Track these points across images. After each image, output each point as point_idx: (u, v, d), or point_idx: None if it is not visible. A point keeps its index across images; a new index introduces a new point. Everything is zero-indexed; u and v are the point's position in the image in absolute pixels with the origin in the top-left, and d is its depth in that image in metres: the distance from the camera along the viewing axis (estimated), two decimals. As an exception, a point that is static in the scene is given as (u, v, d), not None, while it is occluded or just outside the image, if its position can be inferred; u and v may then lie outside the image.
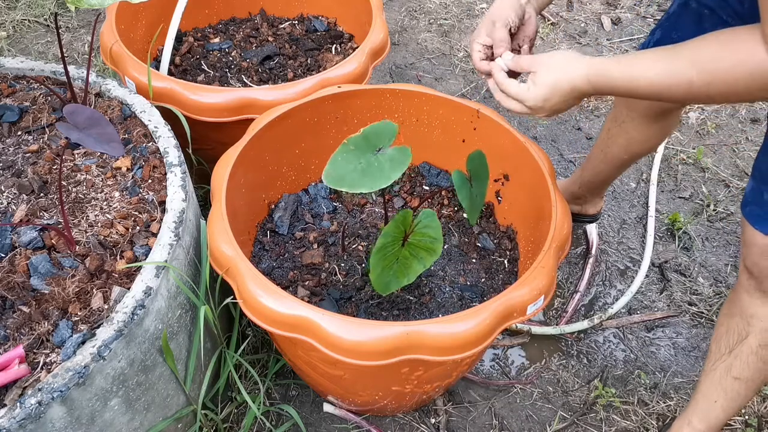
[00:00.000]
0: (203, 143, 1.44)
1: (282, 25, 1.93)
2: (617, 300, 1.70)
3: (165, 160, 1.19)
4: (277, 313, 1.00)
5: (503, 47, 1.07)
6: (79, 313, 0.96)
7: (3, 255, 1.02)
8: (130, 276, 1.01)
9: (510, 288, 1.04)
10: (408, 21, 2.62)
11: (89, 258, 1.01)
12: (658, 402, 1.50)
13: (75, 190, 1.14)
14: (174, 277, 1.05)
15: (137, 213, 1.11)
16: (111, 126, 1.01)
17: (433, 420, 1.43)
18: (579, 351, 1.60)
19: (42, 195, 1.13)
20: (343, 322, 0.98)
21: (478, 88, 2.31)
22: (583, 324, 1.62)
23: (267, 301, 1.00)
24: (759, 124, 2.23)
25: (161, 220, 1.10)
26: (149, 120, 1.27)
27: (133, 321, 0.94)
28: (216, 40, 1.86)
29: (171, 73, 1.68)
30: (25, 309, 0.96)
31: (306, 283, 1.28)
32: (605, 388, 1.51)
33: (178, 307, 1.08)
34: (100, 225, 1.08)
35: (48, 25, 2.44)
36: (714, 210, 1.95)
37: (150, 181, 1.17)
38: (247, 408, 1.37)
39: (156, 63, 1.68)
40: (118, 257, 1.04)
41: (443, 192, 1.50)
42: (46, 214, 1.10)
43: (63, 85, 1.34)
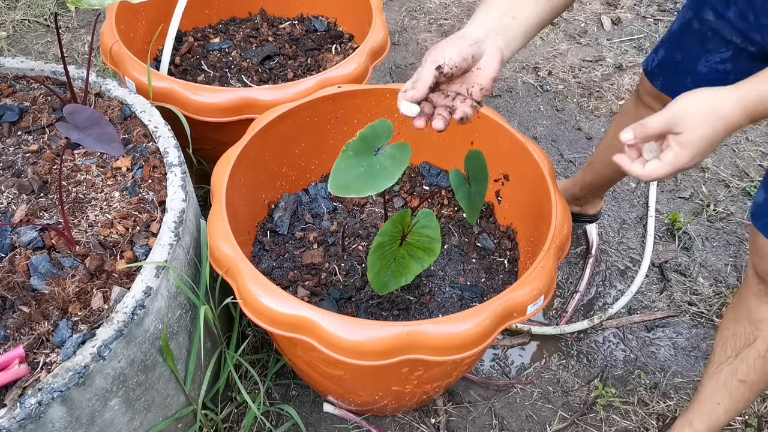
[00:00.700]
0: (203, 143, 1.44)
1: (282, 25, 1.93)
2: (617, 300, 1.70)
3: (165, 160, 1.19)
4: (277, 313, 1.00)
5: (419, 89, 0.88)
6: (79, 313, 0.96)
7: (3, 255, 1.02)
8: (130, 276, 1.01)
9: (510, 288, 1.04)
10: (408, 21, 2.62)
11: (89, 258, 1.01)
12: (658, 402, 1.50)
13: (75, 190, 1.14)
14: (174, 277, 1.05)
15: (137, 213, 1.11)
16: (111, 126, 1.01)
17: (433, 420, 1.43)
18: (579, 351, 1.60)
19: (42, 195, 1.13)
20: (343, 322, 0.98)
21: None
22: (583, 324, 1.62)
23: (267, 301, 1.00)
24: (759, 124, 2.23)
25: (161, 220, 1.10)
26: (149, 120, 1.27)
27: (133, 321, 0.94)
28: (216, 40, 1.86)
29: (171, 73, 1.67)
30: (25, 309, 0.96)
31: (306, 283, 1.28)
32: (605, 388, 1.51)
33: (178, 307, 1.08)
34: (100, 225, 1.08)
35: (48, 25, 2.44)
36: (714, 210, 1.95)
37: (150, 181, 1.16)
38: (247, 408, 1.37)
39: (156, 63, 1.68)
40: (118, 257, 1.04)
41: (443, 192, 1.50)
42: (46, 214, 1.10)
43: (63, 85, 1.34)
